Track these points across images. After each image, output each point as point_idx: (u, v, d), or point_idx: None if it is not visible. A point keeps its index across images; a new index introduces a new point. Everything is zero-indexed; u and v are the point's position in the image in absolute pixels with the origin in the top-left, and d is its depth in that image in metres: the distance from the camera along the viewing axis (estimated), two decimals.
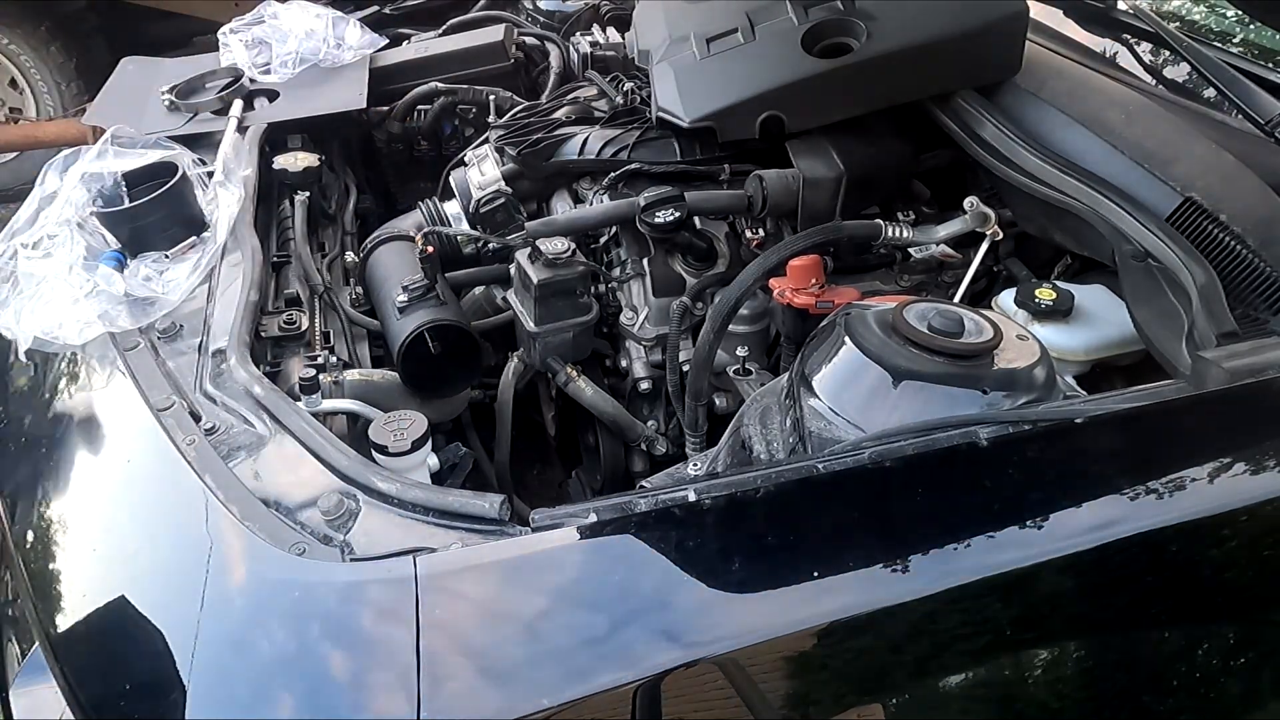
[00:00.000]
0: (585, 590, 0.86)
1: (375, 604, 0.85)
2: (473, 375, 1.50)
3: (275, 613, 0.87)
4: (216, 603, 0.87)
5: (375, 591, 0.85)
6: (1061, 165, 1.36)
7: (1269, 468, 0.99)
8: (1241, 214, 1.22)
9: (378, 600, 0.85)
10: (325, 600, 0.85)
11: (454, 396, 1.49)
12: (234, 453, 1.02)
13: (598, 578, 0.87)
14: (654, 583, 0.86)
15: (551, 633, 0.82)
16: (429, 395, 1.42)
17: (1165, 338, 1.15)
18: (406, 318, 1.42)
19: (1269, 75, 1.60)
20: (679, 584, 0.84)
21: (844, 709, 0.89)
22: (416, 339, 1.38)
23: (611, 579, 0.87)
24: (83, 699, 0.88)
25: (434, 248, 1.41)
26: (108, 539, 1.02)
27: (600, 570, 0.88)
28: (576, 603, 0.85)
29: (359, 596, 0.86)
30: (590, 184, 1.68)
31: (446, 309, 1.44)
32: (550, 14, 2.26)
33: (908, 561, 0.86)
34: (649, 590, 0.85)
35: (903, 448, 0.93)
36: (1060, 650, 0.94)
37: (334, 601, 0.85)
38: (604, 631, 0.83)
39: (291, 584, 0.86)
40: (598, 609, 0.84)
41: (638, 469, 1.62)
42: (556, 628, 0.82)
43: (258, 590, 0.89)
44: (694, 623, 0.83)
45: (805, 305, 1.42)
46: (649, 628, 0.83)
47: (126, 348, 1.18)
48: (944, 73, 1.52)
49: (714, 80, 1.60)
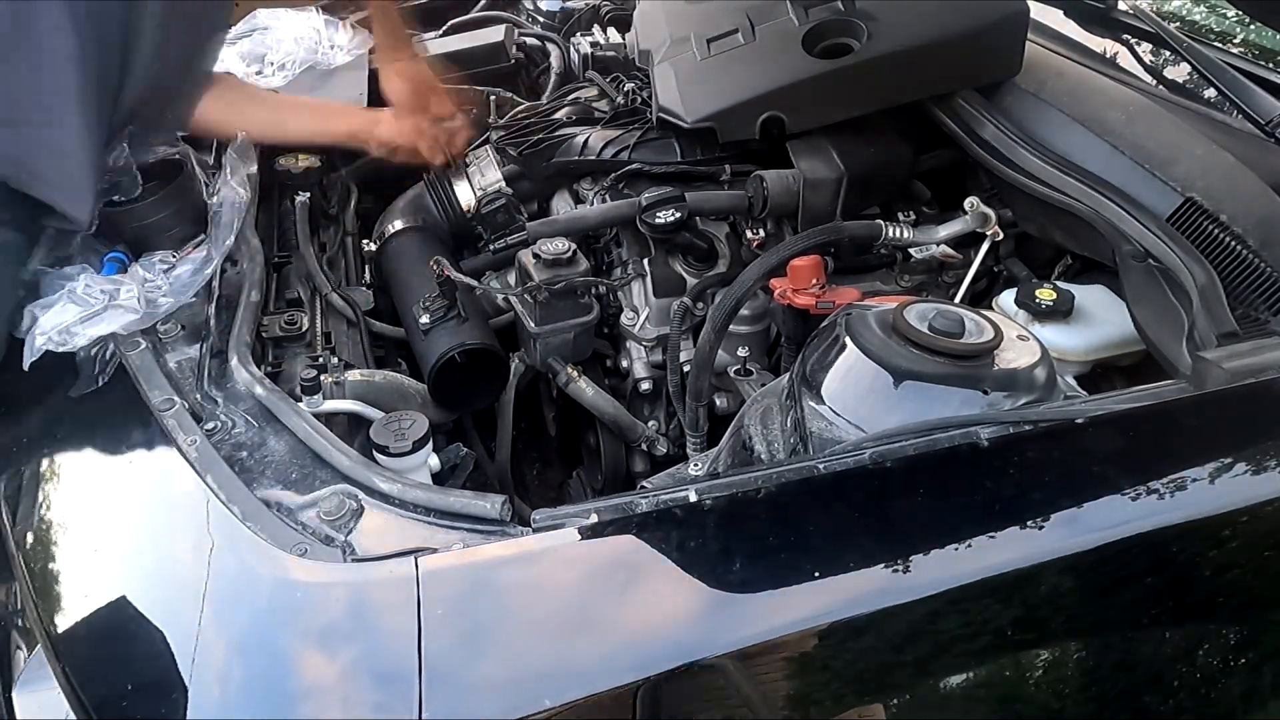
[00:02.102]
0: (586, 590, 0.86)
1: (376, 604, 0.85)
2: (500, 388, 1.51)
3: (276, 613, 0.87)
4: (218, 603, 0.87)
5: (376, 592, 0.85)
6: (1062, 165, 1.36)
7: (1269, 468, 0.99)
8: (1242, 214, 1.22)
9: (379, 601, 0.85)
10: (326, 601, 0.85)
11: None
12: (235, 453, 1.02)
13: (598, 578, 0.87)
14: (654, 583, 0.86)
15: (552, 633, 0.82)
16: (458, 411, 1.45)
17: (1165, 338, 1.15)
18: (431, 340, 1.42)
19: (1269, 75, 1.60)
20: (680, 584, 0.85)
21: (844, 709, 0.89)
22: (445, 365, 1.39)
23: (612, 579, 0.87)
24: (85, 699, 0.88)
25: (448, 270, 1.41)
26: (109, 539, 1.03)
27: (601, 570, 0.88)
28: (577, 603, 0.85)
29: (360, 597, 0.86)
30: (591, 184, 1.68)
31: (470, 327, 1.43)
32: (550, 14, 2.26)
33: (908, 561, 0.86)
34: (650, 590, 0.86)
35: (903, 448, 0.93)
36: (1061, 651, 0.95)
37: (335, 602, 0.85)
38: (605, 632, 0.83)
39: (293, 584, 0.86)
40: (598, 609, 0.84)
41: (638, 469, 1.62)
42: (557, 628, 0.82)
43: (259, 591, 0.89)
44: (694, 623, 0.83)
45: (806, 306, 1.42)
46: (649, 628, 0.83)
47: (127, 348, 1.18)
48: (944, 73, 1.52)
49: (715, 81, 1.60)
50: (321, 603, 0.85)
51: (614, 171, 1.63)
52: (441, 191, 1.69)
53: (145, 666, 0.88)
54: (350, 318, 1.46)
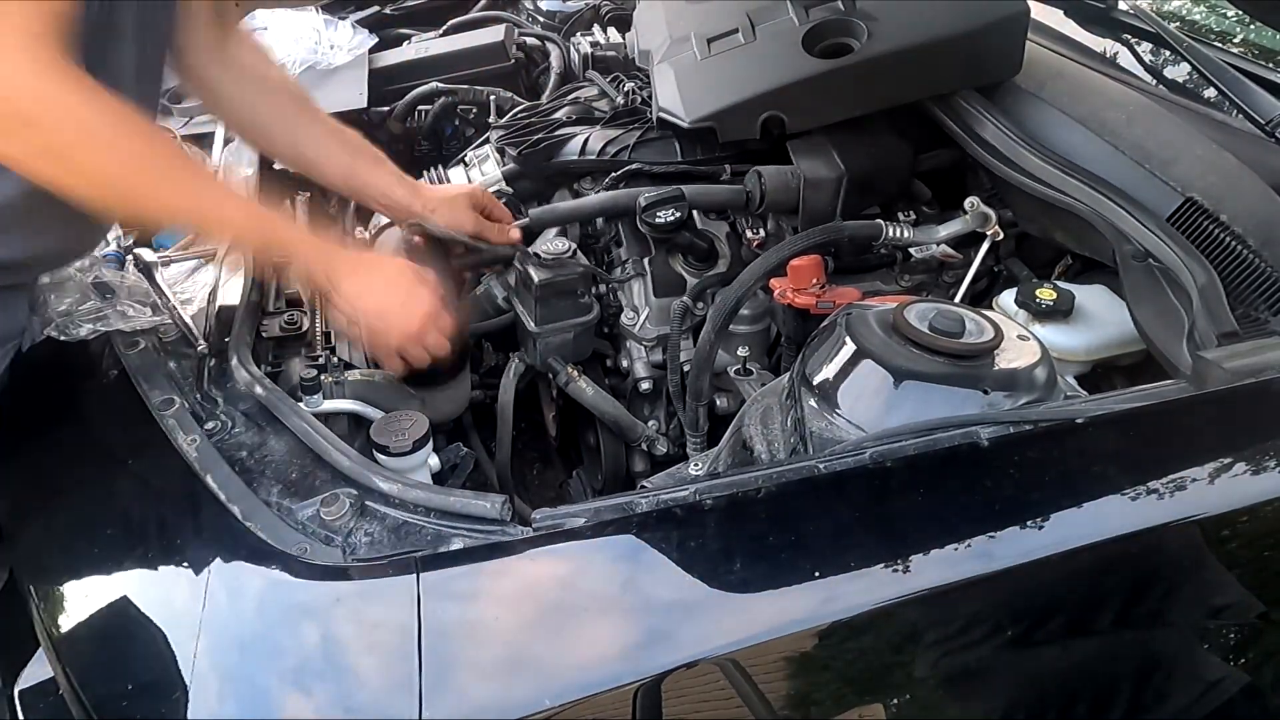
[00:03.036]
0: (586, 590, 0.86)
1: (377, 604, 0.85)
2: (463, 361, 1.47)
3: (277, 613, 0.87)
4: (218, 603, 0.88)
5: (377, 591, 0.85)
6: (1062, 165, 1.36)
7: (1269, 468, 0.99)
8: (1242, 214, 1.22)
9: (379, 600, 0.85)
10: (327, 600, 0.85)
11: (456, 393, 1.48)
12: (236, 453, 1.02)
13: (598, 578, 0.87)
14: (654, 582, 0.86)
15: (552, 633, 0.82)
16: (427, 387, 1.38)
17: (1166, 338, 1.15)
18: None
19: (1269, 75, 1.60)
20: (679, 584, 0.85)
21: (844, 709, 0.89)
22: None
23: (612, 579, 0.87)
24: (85, 699, 0.88)
25: (421, 238, 1.40)
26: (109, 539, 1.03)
27: (601, 570, 0.88)
28: (577, 603, 0.85)
29: (360, 597, 0.86)
30: (591, 184, 1.68)
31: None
32: (550, 14, 2.26)
33: (908, 561, 0.86)
34: (649, 590, 0.86)
35: (904, 448, 0.93)
36: (1060, 650, 0.95)
37: (336, 602, 0.85)
38: (604, 631, 0.83)
39: (293, 584, 0.86)
40: (598, 609, 0.84)
41: (638, 469, 1.62)
42: (557, 627, 0.82)
43: (259, 590, 0.89)
44: (694, 623, 0.83)
45: (806, 305, 1.42)
46: (649, 628, 0.83)
47: (127, 347, 1.18)
48: (944, 73, 1.52)
49: (715, 80, 1.60)
50: (322, 602, 0.85)
51: (614, 171, 1.63)
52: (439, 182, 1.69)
53: (145, 666, 0.88)
54: None
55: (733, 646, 0.81)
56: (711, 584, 0.84)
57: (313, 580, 0.86)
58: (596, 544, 0.87)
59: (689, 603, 0.84)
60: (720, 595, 0.84)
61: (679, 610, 0.84)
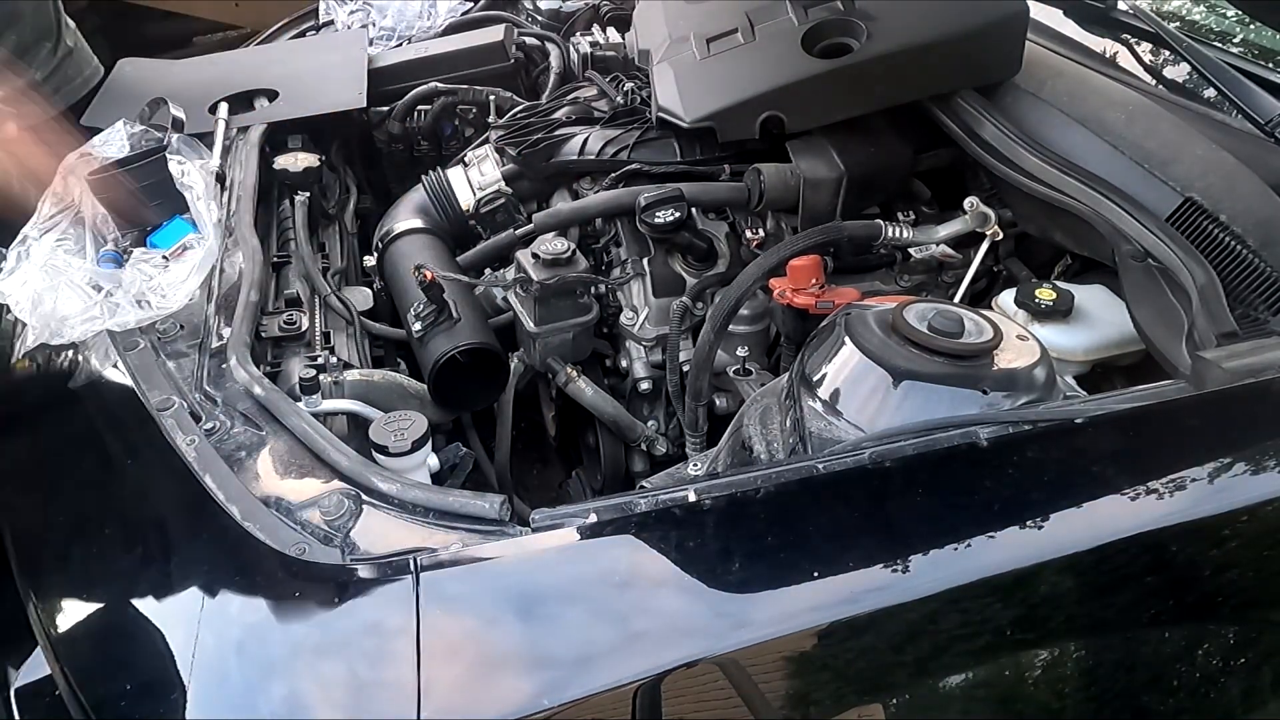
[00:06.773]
0: (585, 590, 0.86)
1: (375, 604, 0.85)
2: (501, 385, 1.50)
3: (276, 613, 0.87)
4: (217, 603, 0.88)
5: (376, 591, 0.85)
6: (1062, 165, 1.36)
7: (1269, 468, 0.99)
8: (1241, 214, 1.22)
9: (378, 600, 0.85)
10: (326, 600, 0.85)
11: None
12: (234, 453, 1.02)
13: (598, 578, 0.87)
14: (654, 583, 0.86)
15: (551, 633, 0.82)
16: (461, 411, 1.45)
17: (1165, 338, 1.15)
18: (427, 346, 1.41)
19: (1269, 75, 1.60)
20: (679, 584, 0.85)
21: (844, 709, 0.89)
22: (443, 368, 1.38)
23: (611, 579, 0.87)
24: (84, 699, 0.88)
25: (432, 274, 1.40)
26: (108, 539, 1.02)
27: (600, 570, 0.88)
28: (576, 603, 0.85)
29: (359, 596, 0.86)
30: (590, 184, 1.68)
31: (464, 328, 1.42)
32: (550, 14, 2.26)
33: (908, 561, 0.86)
34: (649, 590, 0.86)
35: (903, 448, 0.93)
36: (1060, 650, 0.95)
37: (334, 601, 0.85)
38: (604, 631, 0.83)
39: (292, 584, 0.86)
40: (598, 609, 0.84)
41: (638, 469, 1.62)
42: (556, 628, 0.82)
43: (258, 590, 0.89)
44: (694, 623, 0.83)
45: (805, 305, 1.42)
46: (649, 628, 0.83)
47: (126, 348, 1.18)
48: (944, 73, 1.52)
49: (714, 80, 1.60)
50: (320, 602, 0.85)
51: (614, 171, 1.63)
52: (441, 192, 1.69)
53: (144, 666, 0.88)
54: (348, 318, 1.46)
55: (732, 646, 0.81)
56: (711, 584, 0.84)
57: (311, 580, 0.86)
58: (596, 544, 0.87)
59: (688, 603, 0.84)
60: (720, 595, 0.84)
61: (678, 610, 0.84)
